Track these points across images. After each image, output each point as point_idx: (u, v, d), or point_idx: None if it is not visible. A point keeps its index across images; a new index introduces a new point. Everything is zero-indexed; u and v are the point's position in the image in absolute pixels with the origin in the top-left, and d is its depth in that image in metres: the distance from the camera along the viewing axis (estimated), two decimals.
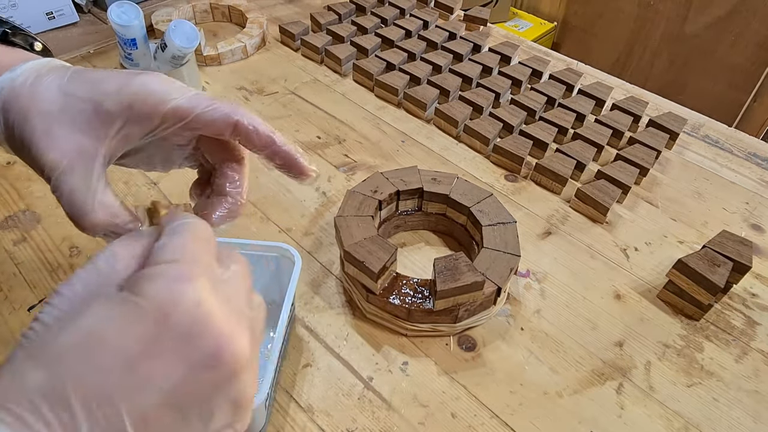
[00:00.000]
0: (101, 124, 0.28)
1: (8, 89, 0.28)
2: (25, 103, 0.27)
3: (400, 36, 0.83)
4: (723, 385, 0.45)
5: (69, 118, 0.27)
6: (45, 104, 0.27)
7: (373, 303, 0.47)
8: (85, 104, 0.28)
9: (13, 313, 0.47)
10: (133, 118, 0.28)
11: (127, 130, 0.28)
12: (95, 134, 0.28)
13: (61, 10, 0.84)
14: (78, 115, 0.27)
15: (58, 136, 0.27)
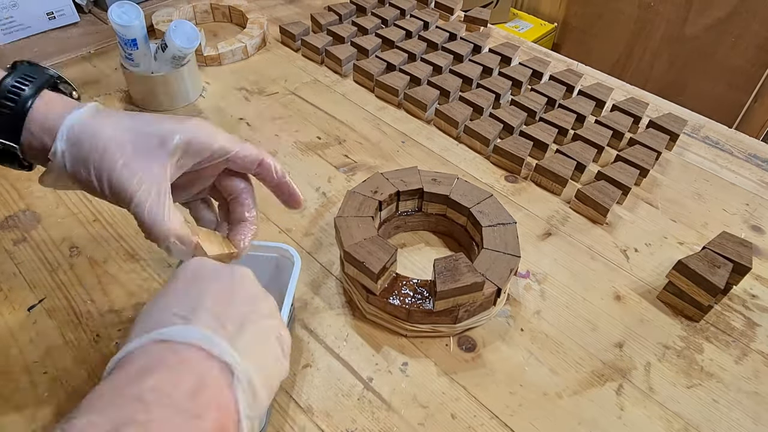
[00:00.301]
0: (167, 156, 0.34)
1: (79, 124, 0.33)
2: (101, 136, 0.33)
3: (401, 37, 0.83)
4: (723, 386, 0.45)
5: (142, 152, 0.33)
6: (119, 139, 0.33)
7: (373, 303, 0.47)
8: (152, 138, 0.34)
9: (13, 313, 0.47)
10: (191, 151, 0.35)
11: (184, 160, 0.35)
12: (162, 162, 0.34)
13: (61, 10, 0.84)
14: (148, 149, 0.34)
15: (136, 165, 0.33)
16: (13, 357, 0.44)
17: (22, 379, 0.42)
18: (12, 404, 0.41)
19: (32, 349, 0.45)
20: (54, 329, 0.46)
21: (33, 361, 0.44)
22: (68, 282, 0.50)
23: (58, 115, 0.33)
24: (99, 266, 0.51)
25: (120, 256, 0.52)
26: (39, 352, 0.44)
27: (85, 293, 0.49)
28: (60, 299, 0.48)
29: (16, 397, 0.41)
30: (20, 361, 0.44)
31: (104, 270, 0.51)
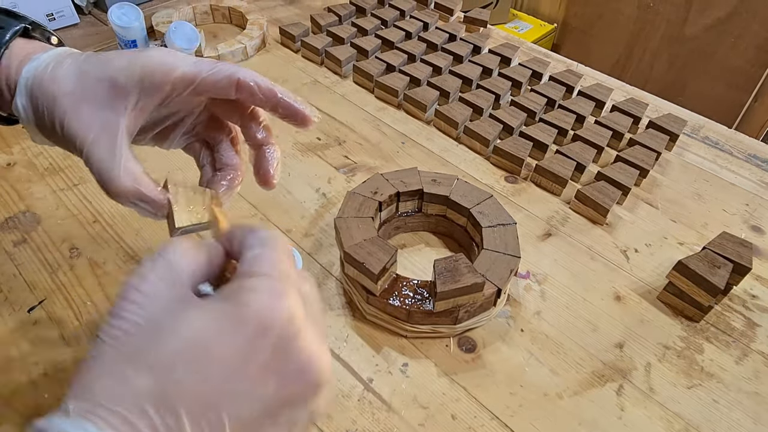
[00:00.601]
0: (119, 99, 0.31)
1: (33, 77, 0.31)
2: (50, 88, 0.31)
3: (400, 37, 0.83)
4: (723, 386, 0.45)
5: (91, 97, 0.31)
6: (68, 86, 0.31)
7: (373, 304, 0.47)
8: (102, 82, 0.31)
9: (13, 314, 0.47)
10: (146, 89, 0.31)
11: (143, 102, 0.31)
12: (115, 109, 0.31)
13: (61, 12, 0.84)
14: (98, 93, 0.31)
15: (84, 114, 0.31)
16: (13, 358, 0.44)
17: (22, 380, 0.42)
18: (12, 405, 0.41)
19: (32, 350, 0.45)
20: (54, 330, 0.46)
21: (33, 362, 0.44)
22: (68, 283, 0.50)
23: (17, 66, 0.32)
24: (99, 267, 0.51)
25: (120, 257, 0.52)
26: (39, 353, 0.44)
27: (85, 294, 0.49)
28: (60, 300, 0.48)
29: (16, 397, 0.41)
30: (20, 362, 0.44)
31: (104, 271, 0.51)
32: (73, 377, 0.21)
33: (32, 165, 0.61)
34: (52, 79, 0.31)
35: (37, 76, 0.31)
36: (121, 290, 0.23)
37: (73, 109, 0.31)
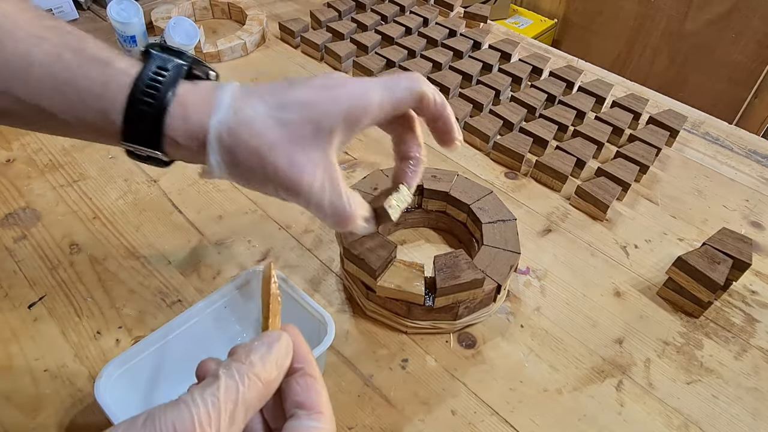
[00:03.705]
0: (325, 139, 0.31)
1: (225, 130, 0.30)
2: (251, 142, 0.30)
3: (400, 33, 0.83)
4: (722, 382, 0.45)
5: (299, 144, 0.31)
6: (272, 137, 0.30)
7: (373, 300, 0.47)
8: (305, 128, 0.31)
9: (14, 311, 0.47)
10: (349, 125, 0.32)
11: (345, 135, 0.32)
12: (324, 149, 0.31)
13: (60, 7, 0.84)
14: (305, 138, 0.31)
15: (298, 163, 0.31)
16: (14, 354, 0.44)
17: (22, 376, 0.43)
18: (13, 402, 0.41)
19: (33, 346, 0.45)
20: (54, 327, 0.46)
21: (34, 359, 0.44)
22: (68, 279, 0.50)
23: (199, 119, 0.30)
24: (99, 264, 0.51)
25: (120, 254, 0.52)
26: (39, 349, 0.44)
27: (86, 291, 0.49)
28: (60, 297, 0.48)
29: (17, 394, 0.41)
30: (21, 359, 0.44)
31: (104, 267, 0.51)
32: None
33: (32, 161, 0.61)
34: (250, 133, 0.30)
35: (231, 130, 0.30)
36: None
37: (287, 160, 0.31)
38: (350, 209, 0.33)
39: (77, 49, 0.29)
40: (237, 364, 0.24)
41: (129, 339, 0.46)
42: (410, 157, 0.39)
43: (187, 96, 0.31)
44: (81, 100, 0.29)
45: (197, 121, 0.30)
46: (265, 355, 0.25)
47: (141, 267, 0.51)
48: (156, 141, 0.30)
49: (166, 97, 0.30)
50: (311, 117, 0.31)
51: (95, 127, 0.30)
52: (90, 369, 0.43)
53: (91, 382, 0.42)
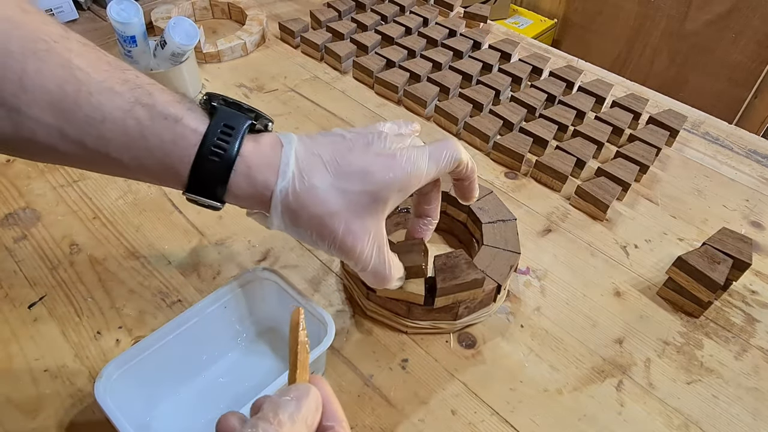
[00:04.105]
0: (379, 207, 0.34)
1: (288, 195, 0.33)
2: (314, 209, 0.33)
3: (400, 33, 0.83)
4: (723, 382, 0.45)
5: (357, 212, 0.33)
6: (334, 206, 0.33)
7: (373, 300, 0.47)
8: (364, 198, 0.33)
9: (14, 311, 0.47)
10: (400, 194, 0.35)
11: (395, 202, 0.35)
12: (377, 216, 0.34)
13: (60, 7, 0.84)
14: (361, 206, 0.34)
15: (355, 229, 0.34)
16: (14, 354, 0.44)
17: (23, 376, 0.43)
18: (13, 402, 0.41)
19: (33, 346, 0.45)
20: (54, 327, 0.46)
21: (34, 359, 0.44)
22: (69, 279, 0.50)
23: (264, 181, 0.32)
24: (99, 264, 0.51)
25: (120, 254, 0.52)
26: (40, 349, 0.44)
27: (86, 291, 0.49)
28: (60, 297, 0.48)
29: (17, 394, 0.41)
30: (21, 359, 0.44)
31: (104, 267, 0.51)
32: None
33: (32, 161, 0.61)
34: (314, 201, 0.33)
35: (296, 195, 0.32)
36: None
37: (345, 228, 0.33)
38: (389, 274, 0.37)
39: (148, 104, 0.31)
40: (264, 424, 0.23)
41: (129, 339, 0.46)
42: (429, 215, 0.42)
43: (251, 156, 0.32)
44: (150, 155, 0.31)
45: (262, 182, 0.33)
46: (294, 413, 0.24)
47: (141, 267, 0.51)
48: (219, 195, 0.32)
49: (232, 156, 0.32)
50: (369, 188, 0.33)
51: (161, 177, 0.32)
52: (90, 369, 0.43)
53: (91, 382, 0.42)
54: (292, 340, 0.29)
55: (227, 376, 0.43)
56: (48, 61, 0.29)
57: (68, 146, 0.30)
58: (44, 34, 0.30)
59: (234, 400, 0.42)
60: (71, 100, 0.29)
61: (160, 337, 0.39)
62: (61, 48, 0.30)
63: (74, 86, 0.29)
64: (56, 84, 0.29)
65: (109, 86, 0.30)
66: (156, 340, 0.39)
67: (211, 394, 0.42)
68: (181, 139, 0.31)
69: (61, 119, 0.30)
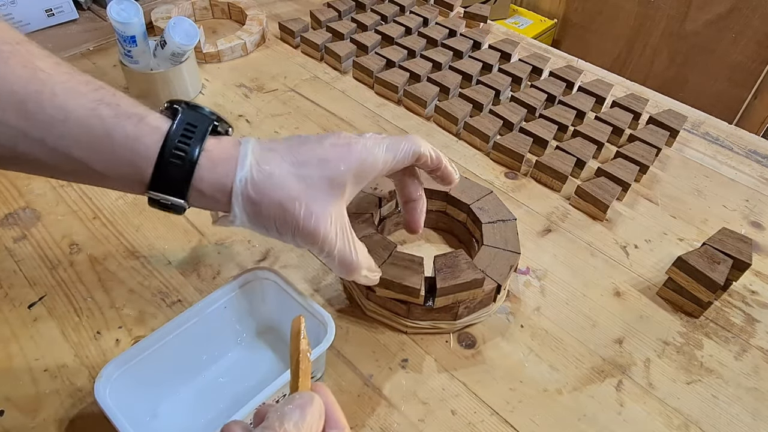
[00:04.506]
0: (338, 193, 0.35)
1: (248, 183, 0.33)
2: (274, 194, 0.33)
3: (400, 33, 0.83)
4: (722, 382, 0.45)
5: (317, 197, 0.34)
6: (293, 191, 0.34)
7: (373, 300, 0.47)
8: (322, 182, 0.34)
9: (14, 311, 0.47)
10: (357, 181, 0.36)
11: (353, 189, 0.36)
12: (336, 202, 0.35)
13: (60, 7, 0.84)
14: (321, 192, 0.34)
15: (315, 214, 0.34)
16: (14, 354, 0.44)
17: (22, 376, 0.43)
18: (13, 401, 0.41)
19: (33, 346, 0.45)
20: (54, 327, 0.46)
21: (34, 359, 0.44)
22: (68, 279, 0.50)
23: (225, 172, 0.33)
24: (99, 263, 0.51)
25: (120, 254, 0.52)
26: (39, 349, 0.44)
27: (86, 290, 0.49)
28: (60, 297, 0.48)
29: (17, 394, 0.41)
30: (21, 359, 0.44)
31: (104, 267, 0.51)
32: None
33: None
34: (272, 186, 0.33)
35: (255, 183, 0.33)
36: None
37: (306, 211, 0.34)
38: (356, 259, 0.37)
39: (112, 104, 0.32)
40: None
41: (129, 339, 0.46)
42: (414, 199, 0.43)
43: (213, 150, 0.33)
44: (113, 152, 0.31)
45: (223, 174, 0.33)
46: (299, 421, 0.24)
47: (141, 267, 0.51)
48: (183, 191, 0.33)
49: (195, 151, 0.32)
50: (326, 173, 0.34)
51: (124, 176, 0.32)
52: (90, 369, 0.43)
53: (91, 382, 0.42)
54: (293, 348, 0.29)
55: (227, 376, 0.43)
56: (11, 63, 0.30)
57: (30, 148, 0.31)
58: (7, 38, 0.30)
59: (234, 400, 0.42)
60: (34, 100, 0.30)
61: (160, 337, 0.39)
62: (23, 50, 0.31)
63: (37, 86, 0.30)
64: (20, 85, 0.30)
65: (72, 86, 0.31)
66: (156, 340, 0.39)
67: (211, 394, 0.42)
68: (145, 136, 0.32)
69: (23, 120, 0.30)
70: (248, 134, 0.67)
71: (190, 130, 0.33)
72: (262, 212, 0.34)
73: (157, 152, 0.32)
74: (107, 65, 0.77)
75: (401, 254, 0.45)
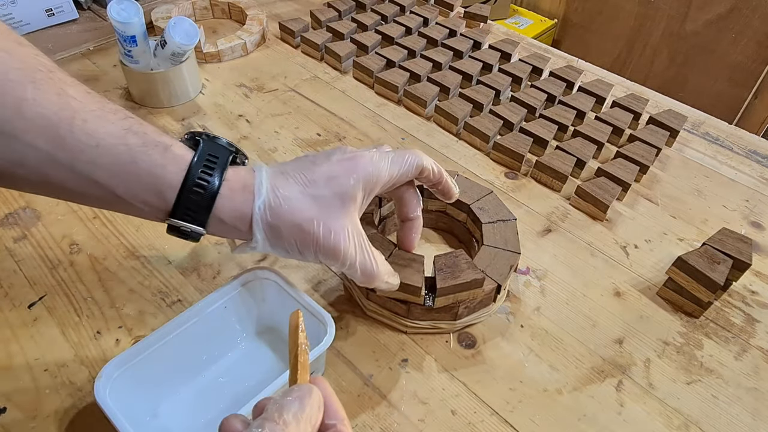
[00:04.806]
0: (351, 207, 0.36)
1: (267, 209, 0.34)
2: (291, 218, 0.35)
3: (400, 33, 0.83)
4: (722, 382, 0.45)
5: (331, 215, 0.35)
6: (310, 213, 0.35)
7: (373, 300, 0.47)
8: (332, 200, 0.36)
9: (14, 310, 0.47)
10: (365, 194, 0.37)
11: (363, 201, 0.38)
12: (350, 216, 0.36)
13: (60, 7, 0.84)
14: (335, 210, 0.36)
15: (336, 231, 0.35)
16: (14, 354, 0.44)
17: (23, 376, 0.43)
18: (13, 401, 0.41)
19: (33, 346, 0.45)
20: (54, 326, 0.46)
21: (34, 358, 0.44)
22: (68, 279, 0.50)
23: (244, 200, 0.34)
24: (99, 263, 0.51)
25: (120, 253, 0.52)
26: (40, 349, 0.44)
27: (86, 290, 0.49)
28: (60, 296, 0.48)
29: (17, 394, 0.41)
30: (21, 358, 0.44)
31: (104, 267, 0.51)
32: None
33: None
34: (290, 209, 0.35)
35: (272, 209, 0.34)
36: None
37: (325, 230, 0.35)
38: (376, 268, 0.38)
39: (140, 132, 0.33)
40: (271, 424, 0.24)
41: (129, 339, 0.46)
42: (411, 219, 0.43)
43: (232, 180, 0.35)
44: (138, 179, 0.32)
45: (242, 202, 0.34)
46: (299, 412, 0.25)
47: (141, 267, 0.51)
48: (203, 219, 0.34)
49: (217, 181, 0.33)
50: (337, 190, 0.36)
51: (146, 203, 0.33)
52: (90, 369, 0.43)
53: (91, 382, 0.42)
54: (291, 343, 0.30)
55: (227, 376, 0.43)
56: (45, 89, 0.30)
57: (57, 172, 0.31)
58: (40, 65, 0.31)
59: (234, 400, 0.42)
60: (66, 126, 0.31)
61: (160, 337, 0.39)
62: (56, 78, 0.31)
63: (69, 113, 0.31)
64: (53, 111, 0.30)
65: (102, 114, 0.32)
66: (156, 339, 0.39)
67: (211, 394, 0.42)
68: (171, 164, 0.33)
69: (53, 144, 0.30)
70: (248, 134, 0.67)
71: (212, 161, 0.34)
72: (282, 236, 0.35)
73: (181, 181, 0.33)
74: (107, 65, 0.77)
75: (402, 253, 0.45)
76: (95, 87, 0.73)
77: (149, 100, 0.70)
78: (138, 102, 0.71)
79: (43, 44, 0.80)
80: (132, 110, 0.72)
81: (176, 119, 0.69)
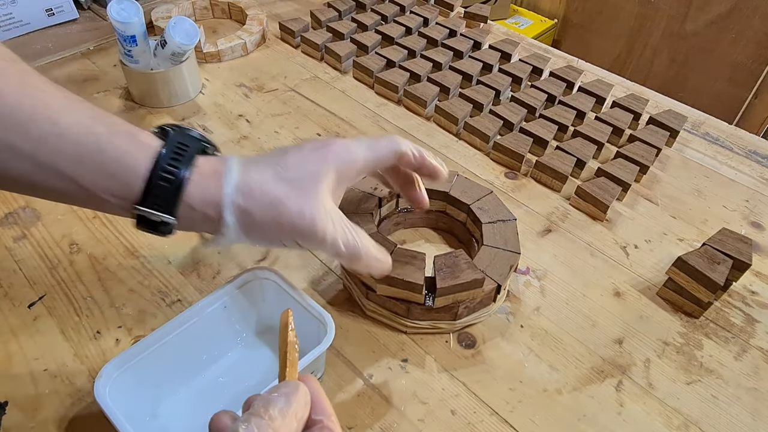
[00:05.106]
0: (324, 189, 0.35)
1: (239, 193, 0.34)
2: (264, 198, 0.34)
3: (401, 33, 0.83)
4: (722, 382, 0.45)
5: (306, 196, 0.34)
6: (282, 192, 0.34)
7: (373, 300, 0.47)
8: (307, 181, 0.35)
9: (13, 310, 0.47)
10: (339, 178, 0.37)
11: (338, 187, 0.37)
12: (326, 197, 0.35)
13: (60, 7, 0.84)
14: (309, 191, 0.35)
15: (311, 211, 0.34)
16: (14, 354, 0.44)
17: (22, 376, 0.43)
18: (13, 401, 0.41)
19: (32, 345, 0.45)
20: (54, 326, 0.46)
21: (33, 358, 0.44)
22: (68, 279, 0.50)
23: (214, 185, 0.34)
24: (99, 263, 0.51)
25: (120, 253, 0.52)
26: (39, 348, 0.44)
27: (85, 290, 0.49)
28: (60, 296, 0.48)
29: (17, 394, 0.41)
30: (21, 358, 0.44)
31: (104, 267, 0.51)
32: None
33: None
34: (261, 191, 0.34)
35: (243, 192, 0.34)
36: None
37: (299, 210, 0.34)
38: (360, 243, 0.37)
39: (107, 122, 0.32)
40: (256, 419, 0.24)
41: (129, 339, 0.46)
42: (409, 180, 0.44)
43: (201, 166, 0.34)
44: (103, 167, 0.32)
45: (212, 188, 0.34)
46: (285, 408, 0.25)
47: (141, 266, 0.51)
48: (172, 206, 0.33)
49: (187, 167, 0.33)
50: (309, 172, 0.35)
51: (112, 192, 0.32)
52: (89, 368, 0.43)
53: (91, 382, 0.42)
54: (281, 341, 0.30)
55: (227, 375, 0.43)
56: (5, 77, 0.30)
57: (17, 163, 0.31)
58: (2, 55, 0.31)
59: (234, 400, 0.42)
60: (27, 113, 0.30)
61: (159, 337, 0.39)
62: (18, 68, 0.31)
63: (31, 101, 0.30)
64: (13, 97, 0.30)
65: (67, 104, 0.31)
66: (156, 339, 0.39)
67: (211, 394, 0.42)
68: (137, 152, 0.32)
69: (13, 133, 0.30)
70: (248, 134, 0.67)
71: (182, 149, 0.33)
72: (255, 220, 0.34)
73: (149, 168, 0.32)
74: (107, 65, 0.77)
75: (402, 250, 0.45)
76: (95, 87, 0.73)
77: (149, 100, 0.70)
78: (138, 102, 0.71)
79: (43, 44, 0.80)
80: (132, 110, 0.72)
81: (176, 119, 0.69)
